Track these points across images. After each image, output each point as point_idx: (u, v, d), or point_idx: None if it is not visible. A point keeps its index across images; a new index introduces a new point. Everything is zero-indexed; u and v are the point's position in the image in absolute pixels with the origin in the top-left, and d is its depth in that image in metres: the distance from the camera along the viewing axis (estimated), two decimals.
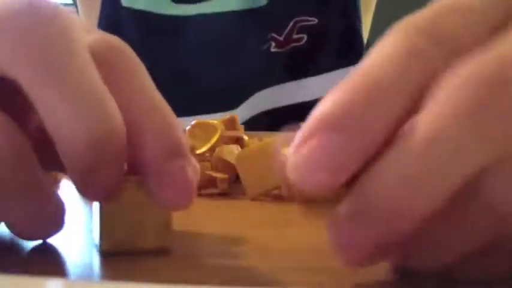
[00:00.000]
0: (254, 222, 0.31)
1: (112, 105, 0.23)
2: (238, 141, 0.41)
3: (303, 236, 0.28)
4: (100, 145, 0.22)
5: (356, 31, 0.79)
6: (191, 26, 0.76)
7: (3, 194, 0.23)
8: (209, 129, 0.39)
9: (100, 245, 0.24)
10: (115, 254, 0.24)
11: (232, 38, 0.76)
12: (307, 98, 0.78)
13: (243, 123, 0.75)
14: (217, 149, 0.38)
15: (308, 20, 0.77)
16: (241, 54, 0.76)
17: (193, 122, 0.39)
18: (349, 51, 0.79)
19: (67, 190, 0.37)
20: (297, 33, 0.77)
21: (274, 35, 0.76)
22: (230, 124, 0.41)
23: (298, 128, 0.21)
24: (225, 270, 0.24)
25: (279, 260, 0.25)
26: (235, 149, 0.38)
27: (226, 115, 0.42)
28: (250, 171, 0.35)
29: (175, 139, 0.24)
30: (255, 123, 0.76)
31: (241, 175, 0.36)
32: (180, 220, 0.32)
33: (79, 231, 0.29)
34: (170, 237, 0.25)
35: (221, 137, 0.39)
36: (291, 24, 0.76)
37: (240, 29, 0.76)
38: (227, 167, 0.38)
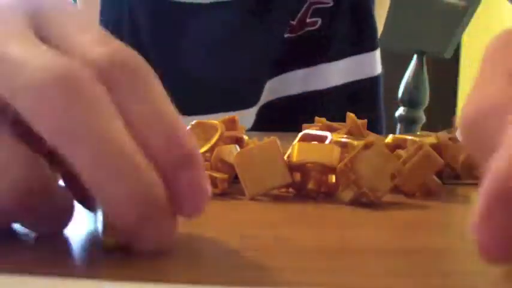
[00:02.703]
0: (254, 222, 0.31)
1: (141, 158, 0.23)
2: (238, 141, 0.41)
3: (303, 236, 0.29)
4: (143, 198, 0.23)
5: (370, 14, 0.77)
6: (203, 14, 0.74)
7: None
8: (209, 129, 0.39)
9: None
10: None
11: (245, 27, 0.74)
12: (320, 85, 0.75)
13: (256, 114, 0.73)
14: (216, 149, 0.38)
15: (323, 3, 0.74)
16: (255, 43, 0.74)
17: (193, 122, 0.39)
18: (363, 36, 0.76)
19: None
20: (311, 16, 0.74)
21: (288, 20, 0.74)
22: (230, 124, 0.41)
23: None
24: (225, 270, 0.24)
25: (279, 260, 0.25)
26: (235, 149, 0.38)
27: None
28: (249, 171, 0.35)
29: (185, 149, 0.24)
30: (267, 111, 0.74)
31: (240, 175, 0.36)
32: (180, 220, 0.32)
33: (79, 231, 0.29)
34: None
35: (221, 137, 0.39)
36: (305, 6, 0.74)
37: (254, 17, 0.73)
38: (226, 167, 0.38)
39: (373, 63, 0.77)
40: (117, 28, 0.76)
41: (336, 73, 0.75)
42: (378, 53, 0.78)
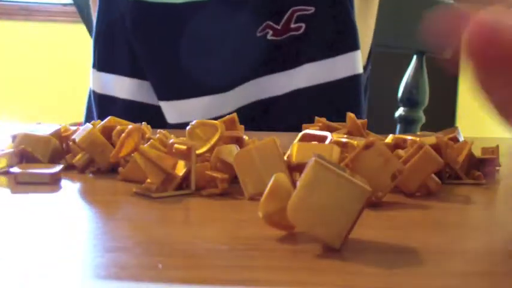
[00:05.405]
0: (254, 222, 0.31)
1: None
2: (238, 141, 0.41)
3: (303, 236, 0.29)
4: None
5: (349, 19, 0.80)
6: (184, 13, 0.76)
7: None
8: (209, 129, 0.39)
9: None
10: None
11: (227, 25, 0.76)
12: (300, 85, 0.79)
13: (235, 111, 0.76)
14: (216, 149, 0.38)
15: (305, 10, 0.77)
16: (235, 41, 0.76)
17: (193, 122, 0.39)
18: (343, 38, 0.80)
19: (67, 190, 0.37)
20: (295, 22, 0.77)
21: (270, 23, 0.77)
22: (230, 124, 0.41)
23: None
24: (226, 270, 0.24)
25: (279, 260, 0.25)
26: (234, 149, 0.38)
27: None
28: (247, 171, 0.35)
29: None
30: (247, 112, 0.76)
31: (239, 175, 0.36)
32: (180, 220, 0.32)
33: (79, 231, 0.29)
34: None
35: (221, 137, 0.39)
36: (289, 13, 0.77)
37: (234, 17, 0.76)
38: (226, 167, 0.38)
39: (354, 63, 0.80)
40: (112, 27, 0.79)
41: (315, 73, 0.78)
42: (358, 53, 0.81)
